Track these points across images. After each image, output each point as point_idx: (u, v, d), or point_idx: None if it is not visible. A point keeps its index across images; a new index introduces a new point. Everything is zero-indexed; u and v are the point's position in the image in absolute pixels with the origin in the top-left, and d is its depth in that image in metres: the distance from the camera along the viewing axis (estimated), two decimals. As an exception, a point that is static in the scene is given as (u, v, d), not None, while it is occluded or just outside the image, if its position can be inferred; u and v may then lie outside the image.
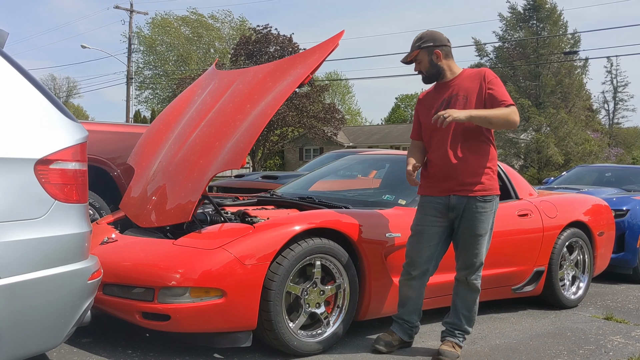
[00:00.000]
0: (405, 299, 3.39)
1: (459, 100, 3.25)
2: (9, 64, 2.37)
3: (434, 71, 3.33)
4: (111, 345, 3.20)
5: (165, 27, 40.42)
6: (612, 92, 41.20)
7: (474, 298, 3.34)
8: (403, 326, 3.39)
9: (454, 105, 3.24)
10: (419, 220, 3.35)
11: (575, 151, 26.44)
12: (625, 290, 5.45)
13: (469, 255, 3.28)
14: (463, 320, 3.34)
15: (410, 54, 3.36)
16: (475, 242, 3.25)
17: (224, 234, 3.14)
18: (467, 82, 3.30)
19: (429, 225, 3.30)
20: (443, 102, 3.30)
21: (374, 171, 4.98)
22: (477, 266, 3.29)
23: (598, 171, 8.40)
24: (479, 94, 3.24)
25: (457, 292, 3.38)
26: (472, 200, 3.23)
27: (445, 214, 3.28)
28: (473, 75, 3.32)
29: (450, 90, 3.31)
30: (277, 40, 27.10)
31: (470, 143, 3.24)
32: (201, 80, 4.38)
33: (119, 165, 4.93)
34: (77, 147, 2.42)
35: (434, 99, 3.37)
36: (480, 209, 3.23)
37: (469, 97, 3.25)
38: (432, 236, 3.30)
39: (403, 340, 3.38)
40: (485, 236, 3.28)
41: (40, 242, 2.22)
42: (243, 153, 3.23)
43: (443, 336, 3.36)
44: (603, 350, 3.51)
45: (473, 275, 3.29)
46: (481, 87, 3.24)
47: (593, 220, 4.75)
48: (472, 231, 3.24)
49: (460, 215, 3.26)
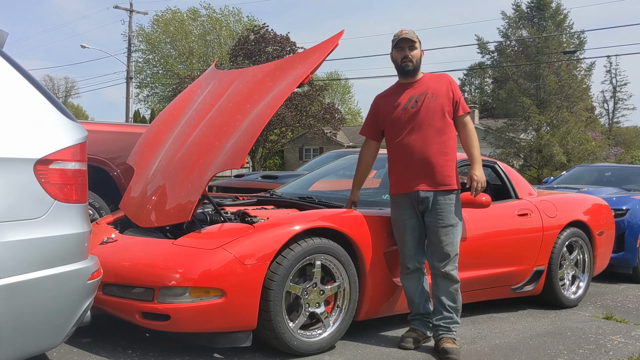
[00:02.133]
0: (412, 294, 3.45)
1: (429, 97, 3.42)
2: (8, 64, 2.37)
3: (418, 66, 3.49)
4: (111, 345, 3.20)
5: (173, 20, 40.17)
6: (612, 92, 41.23)
7: (456, 288, 3.41)
8: (422, 320, 3.47)
9: (424, 102, 3.40)
10: (397, 216, 3.46)
11: (576, 151, 26.42)
12: (625, 289, 5.45)
13: (442, 246, 3.35)
14: (453, 312, 3.39)
15: (414, 38, 3.46)
16: (447, 232, 3.35)
17: (224, 233, 3.14)
18: (433, 82, 3.49)
19: (408, 218, 3.42)
20: (411, 99, 3.44)
21: (373, 171, 4.97)
22: (452, 257, 3.36)
23: (598, 171, 8.40)
24: (446, 95, 3.44)
25: (437, 286, 3.42)
26: (439, 194, 3.36)
27: (415, 206, 3.40)
28: (437, 78, 3.54)
29: (416, 89, 3.47)
30: (274, 40, 27.11)
31: (436, 139, 3.39)
32: (201, 80, 4.38)
33: (118, 165, 4.93)
34: (76, 147, 2.42)
35: (400, 97, 3.49)
36: (448, 201, 3.37)
37: (438, 95, 3.43)
38: (413, 228, 3.41)
39: (426, 335, 3.46)
40: (456, 226, 3.38)
41: (40, 242, 2.22)
42: (243, 153, 3.23)
43: (439, 334, 3.37)
44: (603, 350, 3.51)
45: (449, 267, 3.35)
46: (448, 89, 3.46)
47: (593, 220, 4.75)
48: (441, 222, 3.35)
49: (429, 208, 3.37)
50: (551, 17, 28.07)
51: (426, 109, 3.39)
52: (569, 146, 26.36)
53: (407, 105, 3.43)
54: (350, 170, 5.07)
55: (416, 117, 3.39)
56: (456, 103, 3.46)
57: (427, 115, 3.39)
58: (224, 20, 40.95)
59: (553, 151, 25.45)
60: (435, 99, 3.41)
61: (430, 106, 3.39)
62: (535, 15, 28.50)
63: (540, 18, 28.38)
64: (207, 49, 40.38)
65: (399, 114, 3.44)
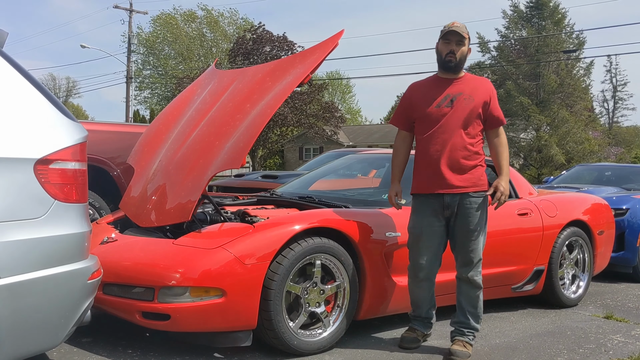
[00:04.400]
0: (418, 300, 3.42)
1: (465, 98, 3.28)
2: (8, 64, 2.37)
3: (461, 63, 3.34)
4: (111, 345, 3.20)
5: (169, 23, 40.16)
6: (612, 91, 41.23)
7: (478, 294, 3.35)
8: (423, 321, 3.45)
9: (459, 103, 3.27)
10: (416, 222, 3.35)
11: (576, 150, 26.42)
12: (625, 289, 5.45)
13: (467, 252, 3.30)
14: (470, 317, 3.35)
15: (464, 33, 3.29)
16: (472, 238, 3.28)
17: (224, 233, 3.15)
18: (472, 84, 3.36)
19: (427, 226, 3.30)
20: (447, 98, 3.30)
21: (373, 170, 4.98)
22: (476, 262, 3.31)
23: (598, 170, 8.40)
24: (483, 100, 3.31)
25: (460, 290, 3.38)
26: (465, 197, 3.26)
27: (440, 212, 3.29)
28: (478, 81, 3.41)
29: (453, 87, 3.32)
30: (272, 39, 27.09)
31: (467, 140, 3.28)
32: (201, 80, 4.38)
33: (118, 165, 4.93)
34: (76, 146, 2.42)
35: (435, 92, 3.33)
36: (473, 204, 3.27)
37: (474, 98, 3.29)
38: (431, 237, 3.30)
39: (425, 334, 3.45)
40: (481, 231, 3.31)
41: (40, 242, 2.22)
42: (243, 152, 3.23)
43: (453, 336, 3.37)
44: (603, 349, 3.52)
45: (473, 272, 3.30)
46: (486, 95, 3.33)
47: (593, 219, 4.75)
48: (468, 227, 3.27)
49: (455, 212, 3.27)
50: (549, 16, 28.07)
51: (461, 110, 3.26)
52: (569, 146, 26.36)
53: (442, 102, 3.28)
54: (350, 169, 5.08)
55: (448, 117, 3.25)
56: (492, 111, 3.34)
57: (459, 117, 3.25)
58: (221, 21, 40.91)
59: (552, 152, 25.45)
60: (471, 101, 3.27)
61: (464, 108, 3.26)
62: (534, 14, 28.50)
63: (539, 17, 28.38)
64: (201, 51, 40.34)
65: (431, 110, 3.28)
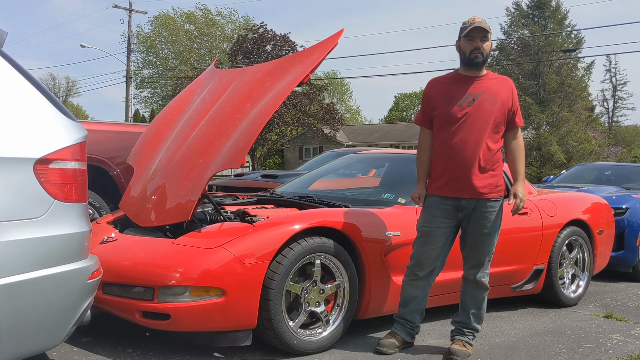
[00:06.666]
0: (408, 298, 3.35)
1: (488, 99, 3.19)
2: (8, 63, 2.37)
3: (487, 59, 3.25)
4: (111, 344, 3.20)
5: (167, 23, 40.15)
6: (612, 91, 41.21)
7: (483, 296, 3.34)
8: (405, 326, 3.36)
9: (481, 103, 3.18)
10: (426, 221, 3.29)
11: (576, 150, 26.43)
12: (624, 288, 5.45)
13: (478, 254, 3.27)
14: (472, 318, 3.34)
15: (488, 28, 3.20)
16: (485, 240, 3.26)
17: (224, 233, 3.15)
18: (495, 84, 3.26)
19: (437, 226, 3.25)
20: (468, 97, 3.19)
21: (373, 170, 4.97)
22: (485, 264, 3.29)
23: (597, 169, 8.40)
24: (506, 101, 3.23)
25: (465, 290, 3.37)
26: (484, 202, 3.21)
27: (453, 214, 3.24)
28: (500, 80, 3.32)
29: (476, 86, 3.22)
30: (273, 39, 27.08)
31: (488, 143, 3.19)
32: (200, 79, 4.38)
33: (118, 165, 4.93)
34: (76, 146, 2.42)
35: (456, 90, 3.23)
36: (490, 209, 3.23)
37: (497, 99, 3.21)
38: (439, 237, 3.26)
39: (405, 341, 3.35)
40: (494, 234, 3.28)
41: (40, 242, 2.22)
42: (242, 152, 3.23)
43: (453, 335, 3.36)
44: (603, 349, 3.52)
45: (481, 273, 3.29)
46: (509, 97, 3.26)
47: (592, 219, 4.76)
48: (482, 230, 3.24)
49: (469, 215, 3.23)
50: (551, 15, 28.08)
51: (482, 111, 3.16)
52: (569, 145, 26.37)
53: (463, 102, 3.17)
54: (349, 169, 5.08)
55: (469, 117, 3.15)
56: (513, 113, 3.26)
57: (481, 118, 3.16)
58: (220, 20, 40.89)
59: (552, 150, 25.45)
60: (494, 103, 3.18)
61: (487, 109, 3.17)
62: (535, 14, 28.52)
63: (540, 17, 28.39)
64: (200, 51, 40.31)
65: (451, 109, 3.18)
